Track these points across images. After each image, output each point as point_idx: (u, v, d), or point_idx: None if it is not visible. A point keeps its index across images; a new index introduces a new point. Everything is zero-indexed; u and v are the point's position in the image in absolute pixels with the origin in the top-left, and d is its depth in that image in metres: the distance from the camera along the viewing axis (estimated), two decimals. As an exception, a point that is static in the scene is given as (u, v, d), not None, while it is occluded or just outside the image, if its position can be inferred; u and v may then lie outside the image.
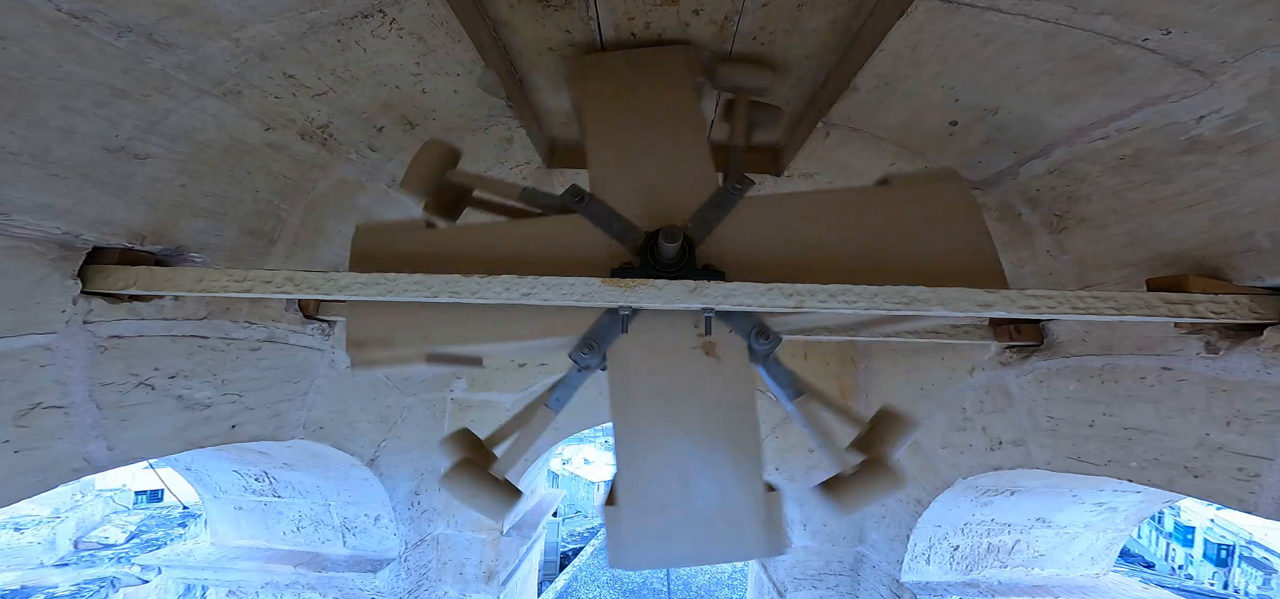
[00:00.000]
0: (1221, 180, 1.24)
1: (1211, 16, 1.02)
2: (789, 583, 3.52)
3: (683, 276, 1.29)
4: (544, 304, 1.27)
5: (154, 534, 16.63)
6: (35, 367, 1.22)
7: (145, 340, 1.46)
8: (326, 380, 2.19)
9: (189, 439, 1.64)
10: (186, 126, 1.28)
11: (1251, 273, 1.28)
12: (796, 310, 1.26)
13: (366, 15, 1.27)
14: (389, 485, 2.81)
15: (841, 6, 1.36)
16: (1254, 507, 1.32)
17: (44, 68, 1.00)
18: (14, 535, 14.54)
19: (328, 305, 2.04)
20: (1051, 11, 1.15)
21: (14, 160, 1.05)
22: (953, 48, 1.34)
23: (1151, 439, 1.58)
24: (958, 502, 2.64)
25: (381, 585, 2.91)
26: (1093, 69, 1.25)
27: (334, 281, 1.28)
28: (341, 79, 1.44)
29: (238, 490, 2.90)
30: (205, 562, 2.91)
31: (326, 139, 1.62)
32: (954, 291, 1.24)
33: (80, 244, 1.26)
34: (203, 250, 1.53)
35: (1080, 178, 1.53)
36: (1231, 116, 1.15)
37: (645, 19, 1.45)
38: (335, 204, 1.87)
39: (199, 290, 1.31)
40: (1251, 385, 1.32)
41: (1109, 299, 1.25)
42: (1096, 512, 2.69)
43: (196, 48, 1.15)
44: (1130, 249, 1.53)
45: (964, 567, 2.92)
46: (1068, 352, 1.86)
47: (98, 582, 13.52)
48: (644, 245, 1.34)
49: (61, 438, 1.29)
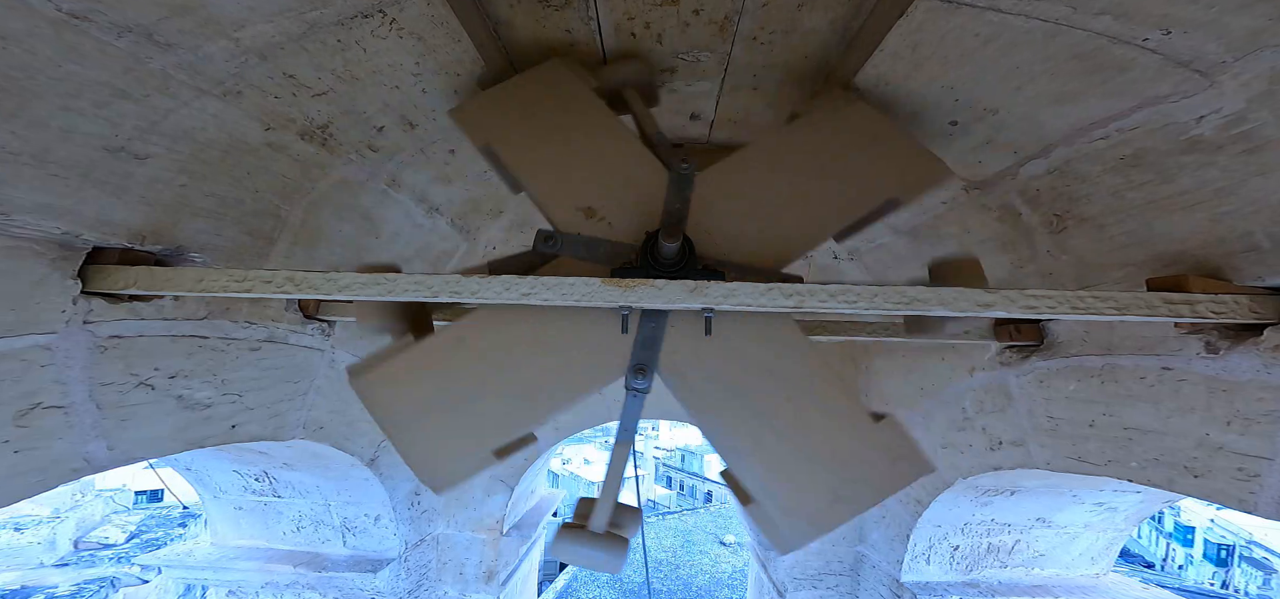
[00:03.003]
0: (1221, 180, 1.24)
1: (1211, 16, 1.02)
2: (789, 583, 3.52)
3: (683, 276, 1.29)
4: (545, 304, 1.27)
5: (154, 534, 16.61)
6: (35, 367, 1.22)
7: (145, 340, 1.46)
8: (326, 380, 2.19)
9: (189, 439, 1.63)
10: (186, 126, 1.28)
11: (1251, 273, 1.28)
12: (796, 310, 1.26)
13: (366, 15, 1.27)
14: (389, 485, 2.81)
15: (841, 6, 1.36)
16: (1254, 507, 1.32)
17: (44, 68, 1.00)
18: (14, 535, 14.53)
19: (328, 305, 2.04)
20: (1051, 11, 1.15)
21: (14, 160, 1.05)
22: (953, 48, 1.33)
23: (1151, 439, 1.58)
24: (958, 502, 2.64)
25: (381, 585, 2.91)
26: (1093, 69, 1.25)
27: (334, 281, 1.28)
28: (341, 79, 1.43)
29: (238, 490, 2.89)
30: (205, 562, 2.91)
31: (326, 139, 1.62)
32: (954, 292, 1.23)
33: (80, 244, 1.26)
34: (203, 250, 1.53)
35: (1080, 178, 1.52)
36: (1231, 116, 1.15)
37: (645, 19, 1.45)
38: (335, 204, 1.87)
39: (199, 290, 1.31)
40: (1251, 385, 1.32)
41: (1109, 299, 1.25)
42: (1096, 512, 2.69)
43: (196, 48, 1.15)
44: (1130, 249, 1.53)
45: (964, 567, 2.92)
46: (1068, 352, 1.86)
47: (98, 582, 13.51)
48: (644, 246, 1.34)
49: (61, 438, 1.29)
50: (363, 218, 2.02)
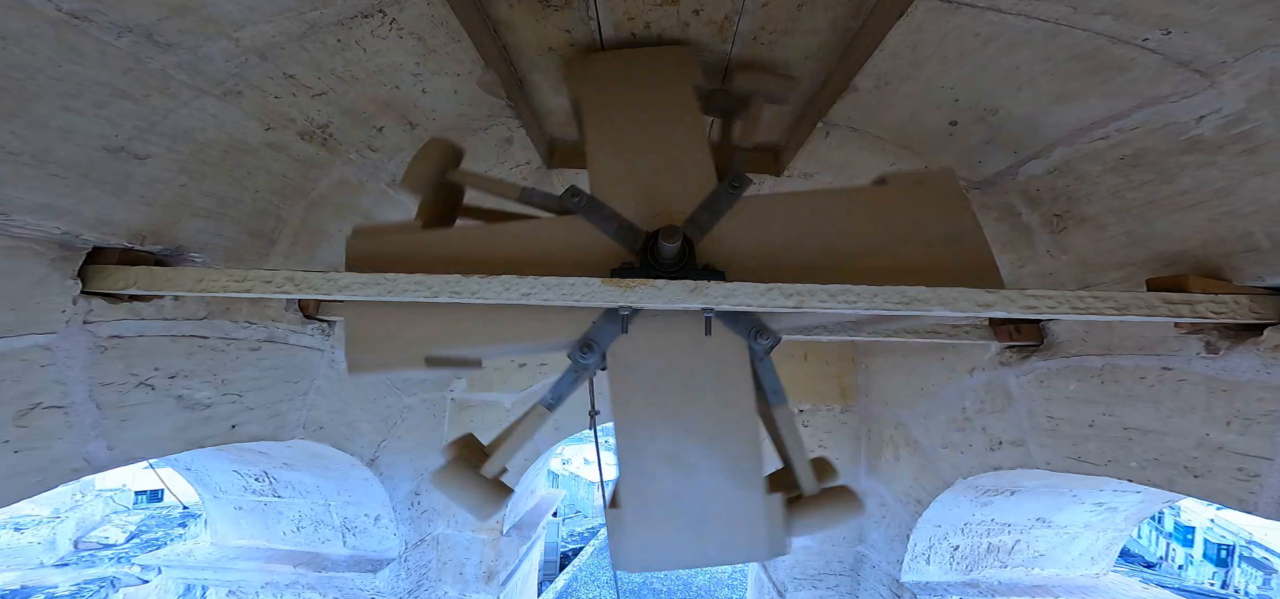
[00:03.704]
0: (1221, 180, 1.24)
1: (1211, 16, 1.02)
2: (789, 583, 3.52)
3: (683, 276, 1.29)
4: (544, 304, 1.27)
5: (154, 534, 16.62)
6: (35, 367, 1.22)
7: (145, 340, 1.46)
8: (326, 380, 2.19)
9: (189, 439, 1.63)
10: (186, 126, 1.28)
11: (1251, 273, 1.28)
12: (796, 310, 1.26)
13: (366, 15, 1.27)
14: (389, 485, 2.81)
15: (841, 6, 1.36)
16: (1254, 507, 1.32)
17: (44, 68, 1.00)
18: (14, 535, 14.54)
19: (328, 305, 2.04)
20: (1051, 11, 1.15)
21: (14, 160, 1.05)
22: (952, 48, 1.33)
23: (1151, 439, 1.58)
24: (958, 502, 2.64)
25: (381, 585, 2.91)
26: (1093, 69, 1.25)
27: (334, 281, 1.28)
28: (341, 79, 1.43)
29: (238, 490, 2.90)
30: (205, 562, 2.91)
31: (326, 139, 1.62)
32: (954, 292, 1.23)
33: (80, 244, 1.26)
34: (203, 250, 1.53)
35: (1080, 178, 1.53)
36: (1231, 116, 1.15)
37: (645, 19, 1.45)
38: (335, 204, 1.87)
39: (199, 290, 1.31)
40: (1251, 385, 1.32)
41: (1109, 299, 1.25)
42: (1096, 512, 2.69)
43: (196, 48, 1.15)
44: (1130, 249, 1.53)
45: (964, 567, 2.92)
46: (1068, 352, 1.86)
47: (98, 582, 13.52)
48: (644, 245, 1.34)
49: (61, 438, 1.29)
50: (363, 218, 2.02)
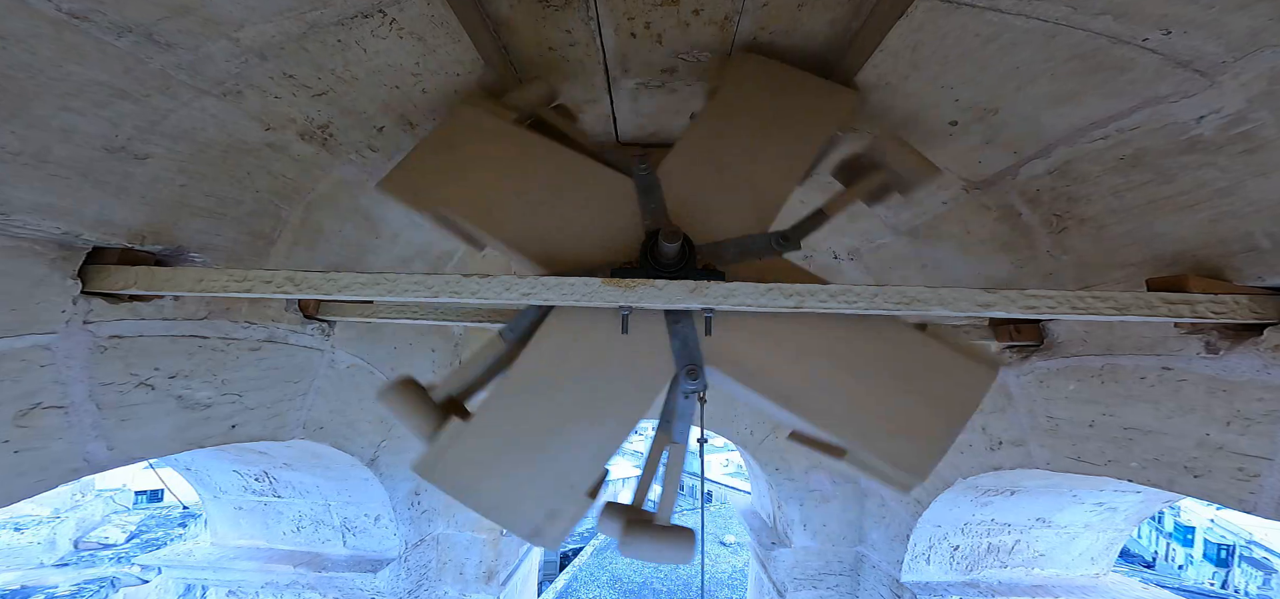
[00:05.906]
0: (1221, 180, 1.24)
1: (1211, 16, 1.02)
2: (789, 583, 3.52)
3: (683, 276, 1.29)
4: (544, 303, 1.27)
5: (154, 534, 16.62)
6: (35, 367, 1.22)
7: (145, 340, 1.46)
8: (326, 380, 2.19)
9: (189, 439, 1.64)
10: (186, 126, 1.28)
11: (1251, 273, 1.28)
12: (796, 310, 1.26)
13: (366, 15, 1.27)
14: (389, 485, 2.81)
15: (841, 6, 1.36)
16: (1254, 507, 1.33)
17: (44, 68, 1.00)
18: (14, 535, 14.53)
19: (328, 305, 2.04)
20: (1051, 11, 1.15)
21: (14, 160, 1.05)
22: (953, 48, 1.33)
23: (1151, 439, 1.58)
24: (958, 502, 2.64)
25: (381, 585, 2.91)
26: (1093, 69, 1.25)
27: (334, 281, 1.28)
28: (341, 79, 1.43)
29: (238, 490, 2.90)
30: (205, 562, 2.91)
31: (326, 139, 1.62)
32: (954, 292, 1.23)
33: (80, 244, 1.26)
34: (203, 250, 1.53)
35: (1080, 178, 1.52)
36: (1231, 116, 1.15)
37: (645, 19, 1.45)
38: (335, 204, 1.87)
39: (199, 290, 1.31)
40: (1251, 385, 1.32)
41: (1109, 299, 1.25)
42: (1096, 512, 2.69)
43: (196, 48, 1.15)
44: (1130, 249, 1.53)
45: (964, 567, 2.92)
46: (1068, 352, 1.86)
47: (98, 582, 13.51)
48: (644, 245, 1.34)
49: (61, 438, 1.29)
50: (363, 218, 2.02)
